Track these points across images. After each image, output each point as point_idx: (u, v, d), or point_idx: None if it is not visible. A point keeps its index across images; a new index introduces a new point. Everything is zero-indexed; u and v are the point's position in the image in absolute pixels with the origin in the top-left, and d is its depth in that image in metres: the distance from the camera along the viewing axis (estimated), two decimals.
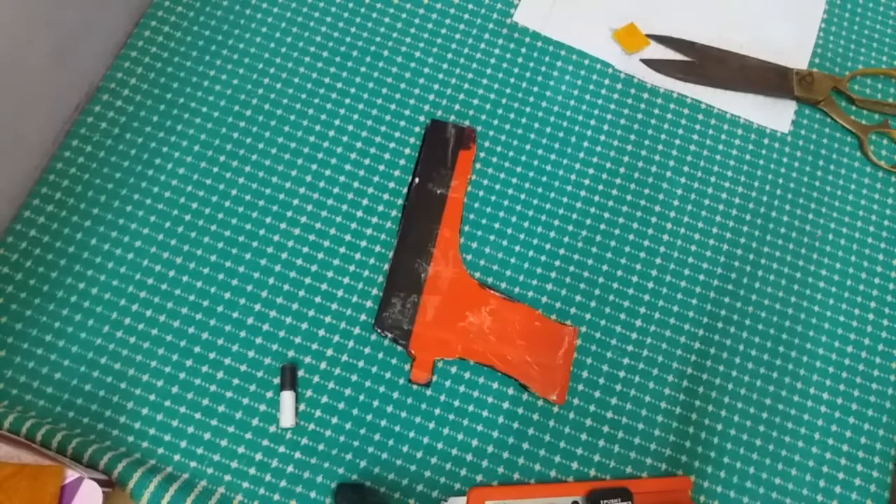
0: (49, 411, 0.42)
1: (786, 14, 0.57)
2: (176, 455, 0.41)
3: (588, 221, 0.49)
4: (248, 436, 0.42)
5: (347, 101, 0.51)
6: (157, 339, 0.44)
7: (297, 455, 0.42)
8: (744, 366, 0.47)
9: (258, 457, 0.42)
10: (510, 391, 0.45)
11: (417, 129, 0.50)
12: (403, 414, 0.44)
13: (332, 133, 0.50)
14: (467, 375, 0.45)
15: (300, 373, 0.44)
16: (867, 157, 0.53)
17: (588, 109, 0.52)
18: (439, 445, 0.43)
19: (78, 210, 0.46)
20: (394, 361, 0.45)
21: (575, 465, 0.44)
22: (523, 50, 0.54)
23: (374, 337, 0.45)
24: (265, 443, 0.42)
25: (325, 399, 0.43)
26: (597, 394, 0.45)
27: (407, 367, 0.44)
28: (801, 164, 0.52)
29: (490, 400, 0.44)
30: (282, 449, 0.42)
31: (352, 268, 0.47)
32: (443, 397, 0.44)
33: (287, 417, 0.42)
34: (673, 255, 0.49)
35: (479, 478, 0.43)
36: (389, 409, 0.44)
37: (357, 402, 0.44)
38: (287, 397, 0.42)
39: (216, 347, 0.44)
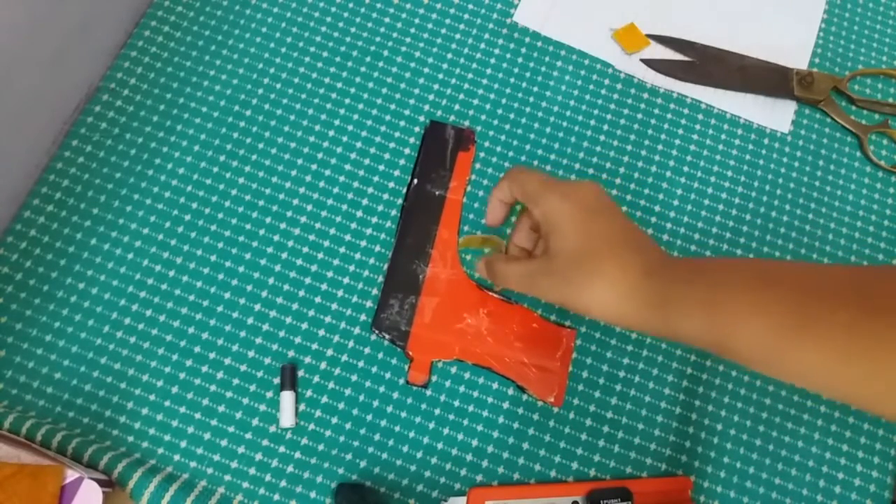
0: (49, 411, 0.42)
1: (786, 14, 0.57)
2: (176, 455, 0.41)
3: None
4: (248, 436, 0.42)
5: (347, 101, 0.51)
6: (157, 339, 0.44)
7: (297, 455, 0.42)
8: (744, 366, 0.46)
9: (258, 457, 0.42)
10: (510, 391, 0.45)
11: (417, 129, 0.50)
12: (403, 414, 0.44)
13: (332, 133, 0.50)
14: (467, 375, 0.45)
15: (300, 373, 0.44)
16: (867, 157, 0.53)
17: (588, 109, 0.52)
18: (439, 445, 0.43)
19: (78, 210, 0.46)
20: (394, 361, 0.45)
21: (575, 465, 0.44)
22: (523, 50, 0.54)
23: (373, 337, 0.45)
24: (265, 443, 0.42)
25: (325, 399, 0.43)
26: (597, 394, 0.45)
27: (407, 367, 0.44)
28: (801, 164, 0.52)
29: (490, 400, 0.44)
30: (282, 449, 0.42)
31: (352, 268, 0.47)
32: (442, 397, 0.44)
33: (287, 417, 0.42)
34: (673, 255, 0.49)
35: (479, 478, 0.43)
36: (389, 409, 0.44)
37: (357, 402, 0.44)
38: (287, 397, 0.42)
39: (216, 347, 0.44)
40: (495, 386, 0.45)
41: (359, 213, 0.48)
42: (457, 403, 0.44)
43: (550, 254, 0.35)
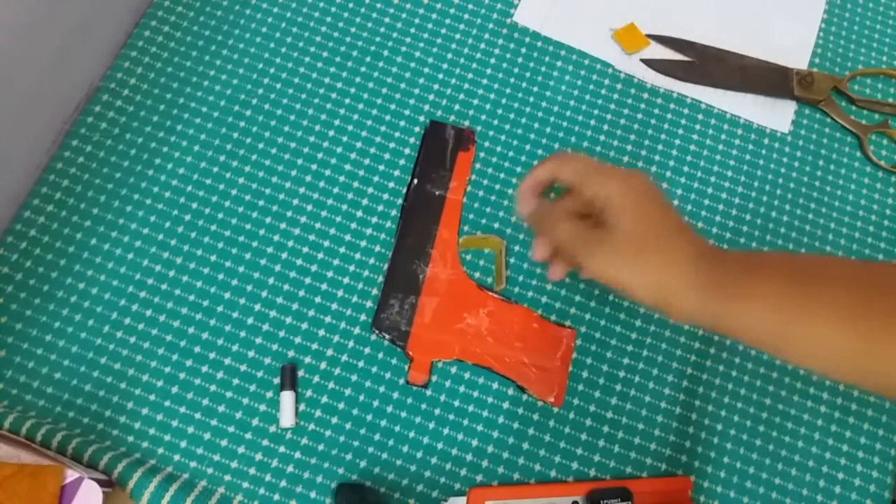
0: (49, 411, 0.42)
1: (786, 14, 0.57)
2: (176, 455, 0.41)
3: None
4: (248, 436, 0.42)
5: (347, 101, 0.51)
6: (157, 339, 0.44)
7: (297, 455, 0.42)
8: (743, 366, 0.47)
9: (258, 457, 0.42)
10: (510, 391, 0.45)
11: (417, 129, 0.50)
12: (403, 414, 0.44)
13: (332, 133, 0.50)
14: (467, 375, 0.45)
15: (300, 373, 0.44)
16: (867, 157, 0.53)
17: (588, 109, 0.52)
18: (439, 445, 0.43)
19: (78, 210, 0.46)
20: (393, 361, 0.45)
21: (575, 465, 0.44)
22: (523, 50, 0.54)
23: (373, 337, 0.45)
24: (265, 443, 0.42)
25: (325, 399, 0.43)
26: (597, 394, 0.45)
27: (407, 367, 0.44)
28: (801, 164, 0.52)
29: (490, 400, 0.44)
30: (282, 449, 0.42)
31: (352, 268, 0.47)
32: (443, 397, 0.44)
33: (287, 417, 0.42)
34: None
35: (479, 478, 0.43)
36: (389, 409, 0.44)
37: (357, 402, 0.44)
38: (287, 397, 0.42)
39: (216, 347, 0.44)
40: (495, 386, 0.45)
41: (359, 213, 0.48)
42: (457, 403, 0.44)
43: (606, 229, 0.36)
